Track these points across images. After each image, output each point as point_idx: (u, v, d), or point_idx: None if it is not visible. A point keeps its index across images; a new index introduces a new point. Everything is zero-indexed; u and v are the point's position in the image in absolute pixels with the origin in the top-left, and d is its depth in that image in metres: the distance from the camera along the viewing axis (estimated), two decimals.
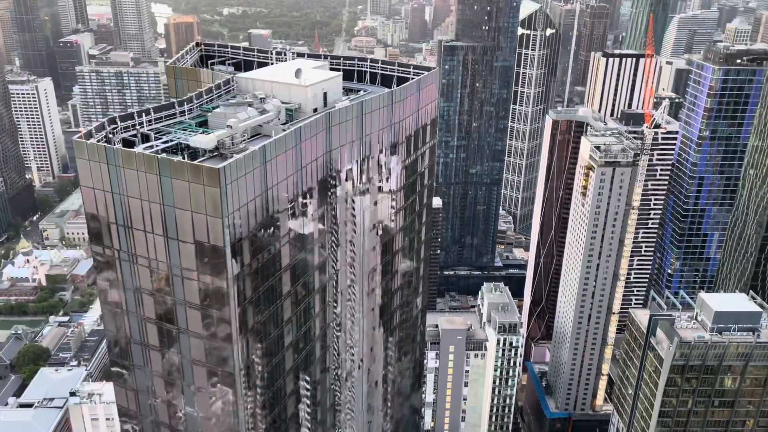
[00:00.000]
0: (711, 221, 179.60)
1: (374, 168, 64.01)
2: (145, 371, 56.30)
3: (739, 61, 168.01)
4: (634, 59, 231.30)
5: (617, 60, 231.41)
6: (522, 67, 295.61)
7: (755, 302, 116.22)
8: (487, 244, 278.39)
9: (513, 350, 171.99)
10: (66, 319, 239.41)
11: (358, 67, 71.37)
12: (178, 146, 51.09)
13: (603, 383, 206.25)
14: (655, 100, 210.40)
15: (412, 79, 68.05)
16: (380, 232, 68.50)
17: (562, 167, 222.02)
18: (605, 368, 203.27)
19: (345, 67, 70.71)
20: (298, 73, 59.89)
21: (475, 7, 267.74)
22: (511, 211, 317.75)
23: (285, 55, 72.27)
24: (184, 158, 48.92)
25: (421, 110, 68.35)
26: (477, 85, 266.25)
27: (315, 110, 60.81)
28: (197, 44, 75.85)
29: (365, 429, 75.83)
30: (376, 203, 66.17)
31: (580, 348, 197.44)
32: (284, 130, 53.01)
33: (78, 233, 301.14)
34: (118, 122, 51.92)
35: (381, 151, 64.25)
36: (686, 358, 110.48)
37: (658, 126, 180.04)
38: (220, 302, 50.13)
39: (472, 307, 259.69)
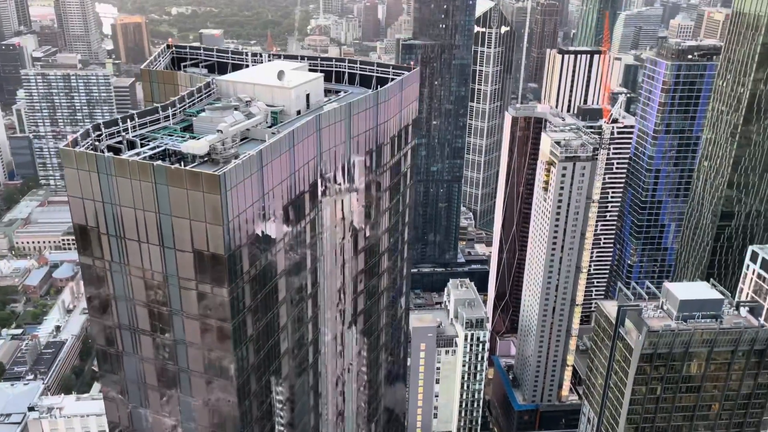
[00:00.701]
0: (668, 212, 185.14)
1: (361, 170, 63.64)
2: (138, 384, 54.61)
3: (690, 56, 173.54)
4: (589, 56, 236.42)
5: (572, 57, 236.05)
6: (478, 64, 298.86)
7: (716, 290, 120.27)
8: (450, 241, 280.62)
9: (480, 345, 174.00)
10: (19, 331, 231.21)
11: (336, 67, 70.79)
12: (165, 152, 49.70)
13: (568, 374, 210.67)
14: (613, 95, 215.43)
15: (392, 79, 67.87)
16: (367, 234, 68.15)
17: (522, 163, 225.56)
18: (570, 359, 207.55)
19: (323, 68, 70.04)
20: (280, 75, 59.00)
21: (432, 6, 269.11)
22: (471, 208, 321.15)
23: (261, 57, 71.10)
24: (171, 164, 47.55)
25: (404, 110, 68.27)
26: (435, 83, 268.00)
27: (298, 112, 60.10)
28: (168, 46, 73.94)
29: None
30: (363, 205, 65.79)
31: (546, 340, 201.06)
32: (273, 134, 52.18)
33: (29, 242, 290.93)
34: (103, 129, 50.18)
35: (367, 153, 63.90)
36: (654, 347, 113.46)
37: (615, 121, 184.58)
38: (220, 311, 48.97)
39: (437, 304, 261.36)
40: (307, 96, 61.15)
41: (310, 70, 67.84)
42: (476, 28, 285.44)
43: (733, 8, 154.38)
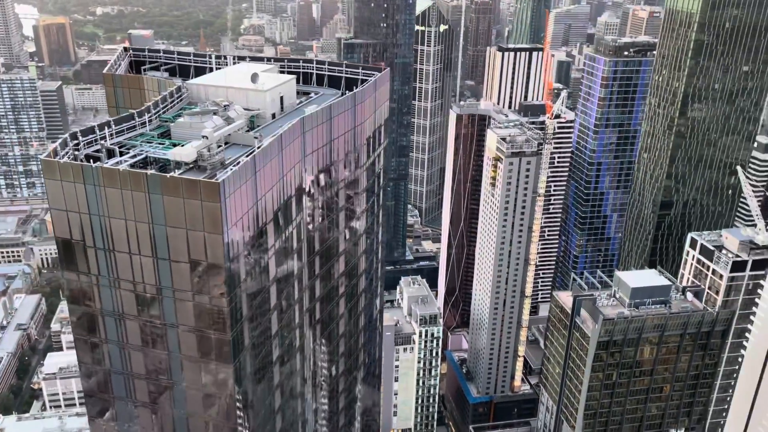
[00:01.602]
0: (610, 203, 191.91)
1: (341, 172, 63.10)
2: (128, 403, 52.37)
3: (626, 53, 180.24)
4: (527, 53, 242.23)
5: (512, 54, 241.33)
6: (419, 63, 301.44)
7: (664, 276, 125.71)
8: (398, 239, 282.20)
9: (434, 341, 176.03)
10: None
11: (304, 68, 69.92)
12: (146, 160, 47.86)
13: (520, 365, 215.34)
14: (555, 91, 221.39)
15: (362, 80, 67.58)
16: (347, 236, 67.63)
17: (467, 160, 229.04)
18: (521, 350, 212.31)
19: (291, 70, 69.05)
20: (254, 77, 57.80)
21: (372, 5, 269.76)
22: (416, 205, 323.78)
23: (225, 59, 69.47)
24: (154, 173, 45.70)
25: (378, 111, 68.12)
26: None
27: (273, 116, 59.06)
28: (125, 49, 71.26)
29: None
30: (343, 208, 65.22)
31: (497, 332, 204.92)
32: (256, 138, 51.07)
33: None
34: (80, 137, 47.81)
35: (346, 154, 63.42)
36: (610, 334, 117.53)
37: (558, 116, 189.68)
38: (218, 322, 47.51)
39: (389, 302, 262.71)
40: (281, 98, 60.21)
41: (280, 72, 66.74)
42: (416, 27, 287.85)
43: (665, 6, 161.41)
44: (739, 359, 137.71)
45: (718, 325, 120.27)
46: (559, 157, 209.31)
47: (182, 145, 47.52)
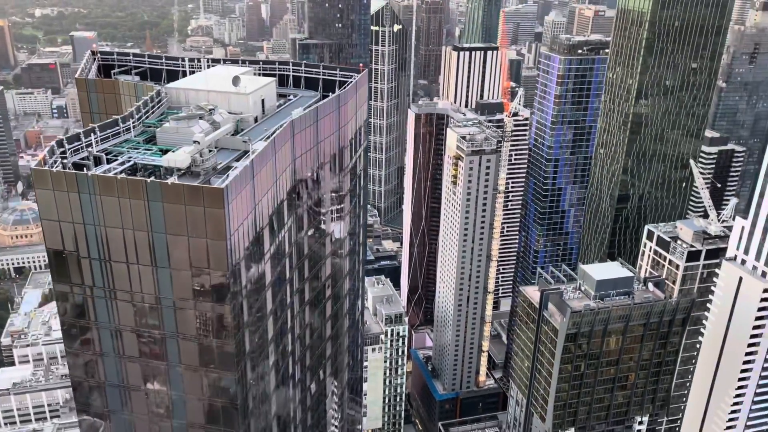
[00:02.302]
0: (568, 198, 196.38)
1: (327, 174, 62.72)
2: (123, 415, 50.79)
3: (580, 51, 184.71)
4: (482, 52, 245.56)
5: (467, 53, 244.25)
6: (375, 63, 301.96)
7: (626, 268, 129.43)
8: None
9: (400, 340, 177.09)
10: None
11: (279, 71, 69.25)
12: (134, 167, 46.58)
13: (484, 360, 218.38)
14: (512, 89, 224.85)
15: (340, 81, 67.32)
16: (333, 238, 67.30)
17: (427, 159, 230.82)
18: (485, 345, 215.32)
19: (266, 72, 68.29)
20: (236, 80, 56.98)
21: (326, 5, 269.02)
22: (375, 205, 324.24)
23: (199, 62, 68.18)
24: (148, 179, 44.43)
25: (358, 112, 68.00)
26: None
27: (255, 119, 58.30)
28: (93, 53, 69.20)
29: None
30: (330, 209, 64.84)
31: (462, 329, 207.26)
32: (245, 141, 50.35)
33: None
34: (66, 145, 46.15)
35: (332, 156, 63.08)
36: (577, 326, 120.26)
37: (516, 114, 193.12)
38: (221, 330, 46.56)
39: None
40: (263, 101, 59.54)
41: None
42: (371, 27, 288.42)
43: (618, 5, 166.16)
44: (697, 345, 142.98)
45: (678, 314, 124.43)
46: (516, 154, 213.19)
47: (173, 151, 46.49)
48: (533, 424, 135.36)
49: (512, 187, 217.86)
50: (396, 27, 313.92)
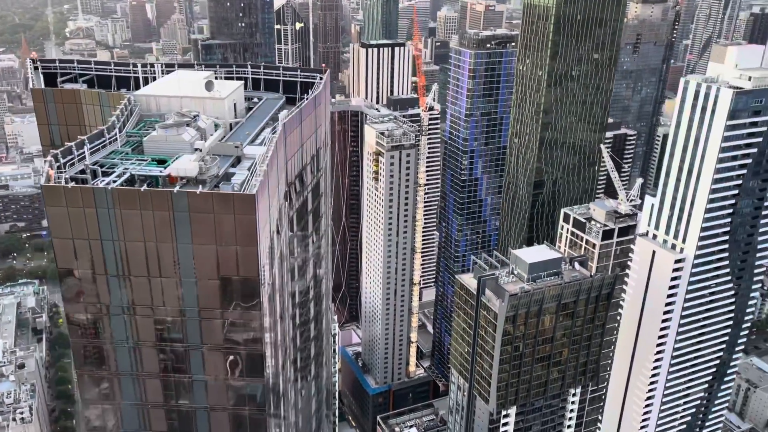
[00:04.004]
0: (484, 188, 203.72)
1: (308, 178, 61.94)
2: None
3: (488, 45, 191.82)
4: (390, 48, 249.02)
5: (375, 50, 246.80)
6: (279, 61, 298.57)
7: (554, 250, 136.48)
8: None
9: (331, 338, 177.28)
10: None
11: (237, 73, 67.78)
12: (132, 179, 44.35)
13: (413, 351, 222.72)
14: (415, 84, 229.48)
15: (302, 82, 66.81)
16: (314, 240, 66.64)
17: (344, 156, 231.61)
18: (414, 336, 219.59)
19: (226, 75, 66.60)
20: (209, 85, 55.35)
21: (228, 3, 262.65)
22: None
23: (153, 68, 65.47)
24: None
25: (327, 114, 67.72)
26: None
27: (231, 126, 56.93)
28: (33, 61, 64.73)
29: None
30: (311, 212, 64.10)
31: (391, 322, 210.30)
32: (236, 147, 49.19)
33: None
34: (60, 159, 43.08)
35: (312, 158, 62.43)
36: (515, 309, 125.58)
37: (432, 108, 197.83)
38: (249, 336, 45.24)
39: None
40: (234, 105, 58.23)
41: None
42: (276, 26, 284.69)
43: (524, 1, 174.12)
44: (618, 318, 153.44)
45: (604, 289, 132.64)
46: (430, 149, 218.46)
47: (174, 159, 44.77)
48: (476, 406, 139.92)
49: (429, 179, 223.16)
50: (298, 25, 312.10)
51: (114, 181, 42.59)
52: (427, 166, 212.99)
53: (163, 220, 41.79)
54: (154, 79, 65.04)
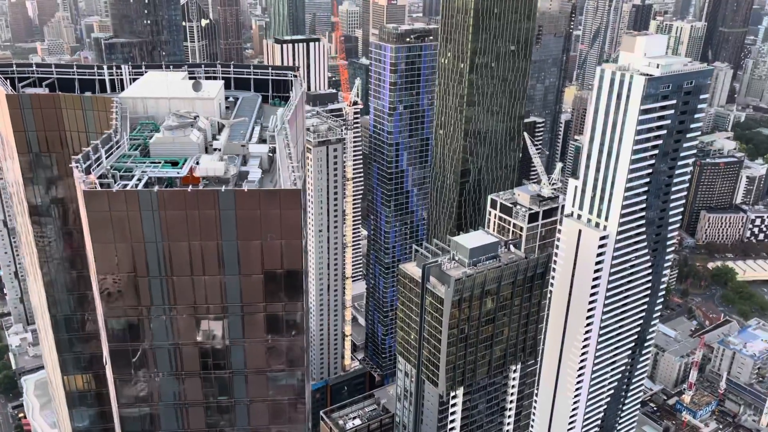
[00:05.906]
0: (410, 179, 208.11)
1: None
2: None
3: (408, 39, 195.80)
4: (305, 44, 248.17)
5: (290, 46, 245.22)
6: (187, 59, 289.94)
7: (491, 235, 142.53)
8: None
9: None
10: None
11: (205, 72, 66.66)
12: (149, 181, 43.37)
13: (348, 344, 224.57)
14: (334, 79, 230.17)
15: (272, 80, 66.73)
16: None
17: None
18: (348, 330, 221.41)
19: (192, 75, 65.28)
20: (197, 85, 54.44)
21: (131, 1, 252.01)
22: None
23: (120, 69, 63.23)
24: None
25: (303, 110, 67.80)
26: None
27: (218, 125, 56.20)
28: None
29: None
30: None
31: (325, 317, 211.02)
32: (242, 146, 48.96)
33: None
34: (83, 164, 41.27)
35: (299, 160, 62.43)
36: (460, 293, 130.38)
37: (356, 103, 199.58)
38: (291, 328, 45.49)
39: None
40: (219, 105, 57.59)
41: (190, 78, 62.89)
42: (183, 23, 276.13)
43: None
44: (548, 295, 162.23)
45: (539, 269, 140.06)
46: (355, 143, 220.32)
47: (186, 161, 44.31)
48: (425, 390, 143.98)
49: (354, 173, 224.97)
50: (204, 21, 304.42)
51: (136, 185, 41.68)
52: (354, 160, 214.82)
53: (209, 219, 41.57)
54: (121, 81, 63.05)
